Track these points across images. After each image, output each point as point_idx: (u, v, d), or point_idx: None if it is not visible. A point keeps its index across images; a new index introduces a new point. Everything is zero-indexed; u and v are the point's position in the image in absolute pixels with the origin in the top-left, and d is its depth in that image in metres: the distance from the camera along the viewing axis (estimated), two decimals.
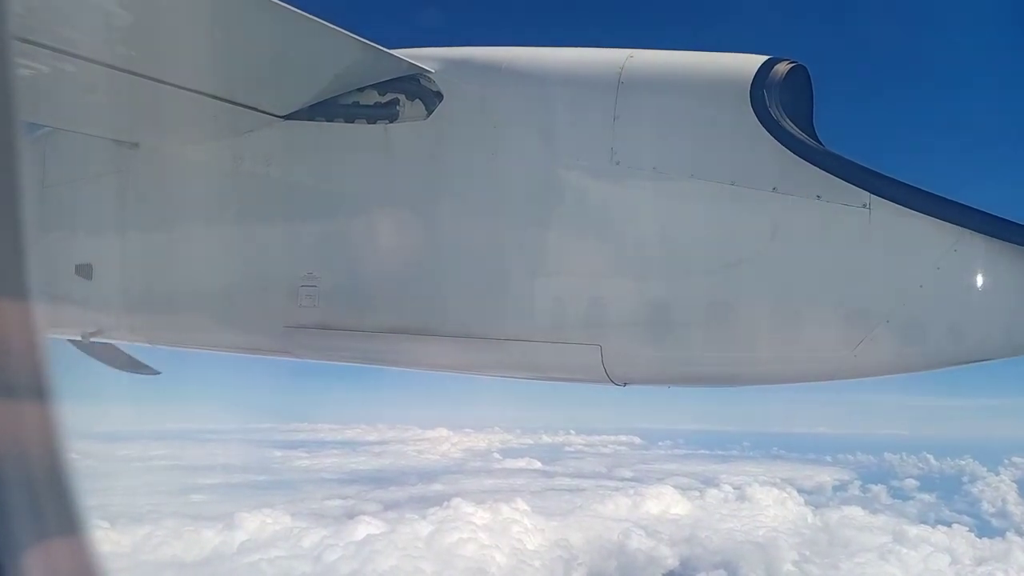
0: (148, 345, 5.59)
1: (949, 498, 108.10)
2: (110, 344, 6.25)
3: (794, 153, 3.41)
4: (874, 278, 3.35)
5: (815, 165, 3.38)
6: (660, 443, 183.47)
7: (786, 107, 3.51)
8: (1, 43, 1.12)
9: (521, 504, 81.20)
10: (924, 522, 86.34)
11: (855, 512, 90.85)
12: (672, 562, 72.16)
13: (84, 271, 5.12)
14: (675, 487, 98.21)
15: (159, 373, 7.30)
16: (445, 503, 78.51)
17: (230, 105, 4.23)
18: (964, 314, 3.25)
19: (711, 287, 3.58)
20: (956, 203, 3.24)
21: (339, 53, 4.01)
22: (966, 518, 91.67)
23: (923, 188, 3.32)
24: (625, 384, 3.87)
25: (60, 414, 1.15)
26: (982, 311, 3.24)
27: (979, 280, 3.21)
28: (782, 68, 3.60)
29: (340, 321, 4.31)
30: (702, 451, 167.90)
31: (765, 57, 3.66)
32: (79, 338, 5.51)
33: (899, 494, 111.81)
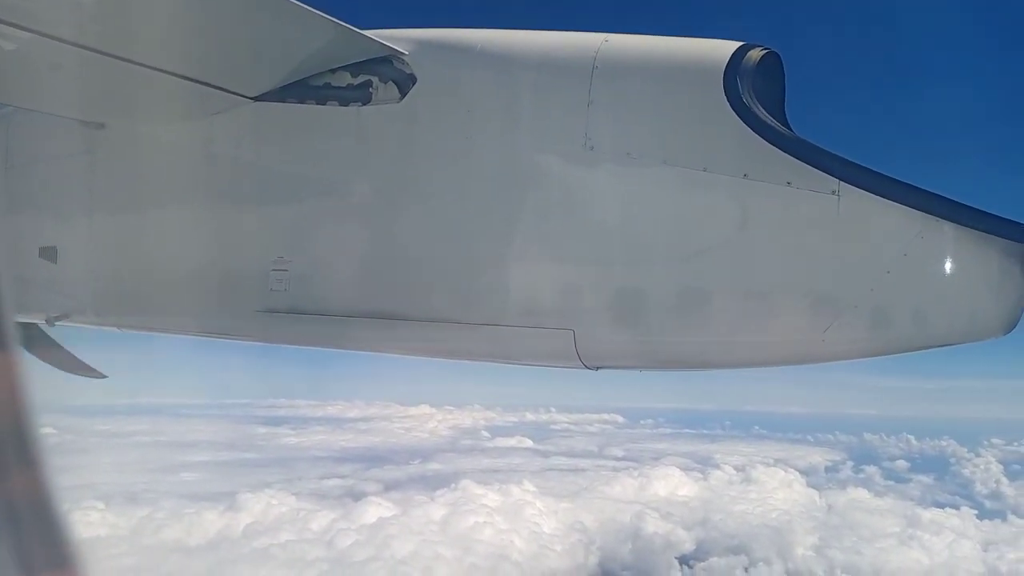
0: (116, 330, 5.53)
1: (941, 479, 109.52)
2: (56, 346, 6.47)
3: (765, 140, 3.42)
4: (842, 264, 3.40)
5: (785, 152, 3.39)
6: (642, 422, 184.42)
7: (758, 93, 3.52)
8: None
9: (528, 485, 79.86)
10: (928, 504, 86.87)
11: (861, 494, 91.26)
12: (688, 546, 71.36)
13: (48, 254, 5.10)
14: (678, 468, 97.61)
15: (105, 376, 7.41)
16: (453, 484, 76.83)
17: (198, 85, 4.16)
18: (930, 300, 3.30)
19: (682, 272, 3.62)
20: (922, 190, 3.28)
21: (310, 33, 3.95)
22: (960, 499, 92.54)
23: (890, 175, 3.36)
24: (597, 368, 3.85)
25: (41, 435, 1.07)
26: (947, 297, 3.28)
27: (944, 266, 3.25)
28: (755, 54, 3.58)
29: (311, 305, 4.28)
30: (686, 430, 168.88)
31: (739, 43, 3.63)
32: (43, 322, 5.50)
33: (893, 475, 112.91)
